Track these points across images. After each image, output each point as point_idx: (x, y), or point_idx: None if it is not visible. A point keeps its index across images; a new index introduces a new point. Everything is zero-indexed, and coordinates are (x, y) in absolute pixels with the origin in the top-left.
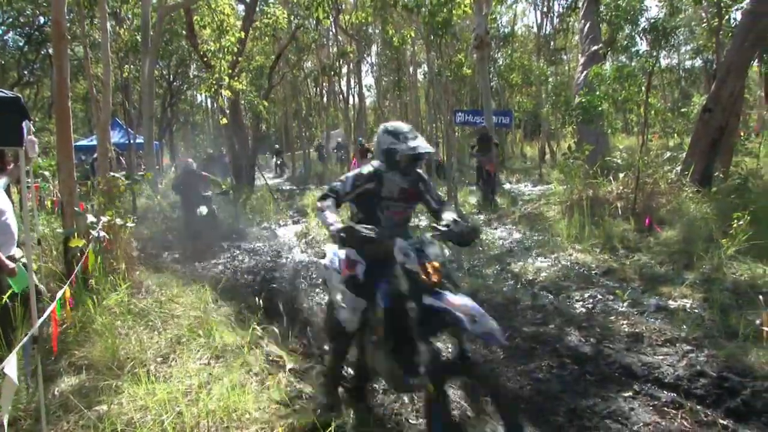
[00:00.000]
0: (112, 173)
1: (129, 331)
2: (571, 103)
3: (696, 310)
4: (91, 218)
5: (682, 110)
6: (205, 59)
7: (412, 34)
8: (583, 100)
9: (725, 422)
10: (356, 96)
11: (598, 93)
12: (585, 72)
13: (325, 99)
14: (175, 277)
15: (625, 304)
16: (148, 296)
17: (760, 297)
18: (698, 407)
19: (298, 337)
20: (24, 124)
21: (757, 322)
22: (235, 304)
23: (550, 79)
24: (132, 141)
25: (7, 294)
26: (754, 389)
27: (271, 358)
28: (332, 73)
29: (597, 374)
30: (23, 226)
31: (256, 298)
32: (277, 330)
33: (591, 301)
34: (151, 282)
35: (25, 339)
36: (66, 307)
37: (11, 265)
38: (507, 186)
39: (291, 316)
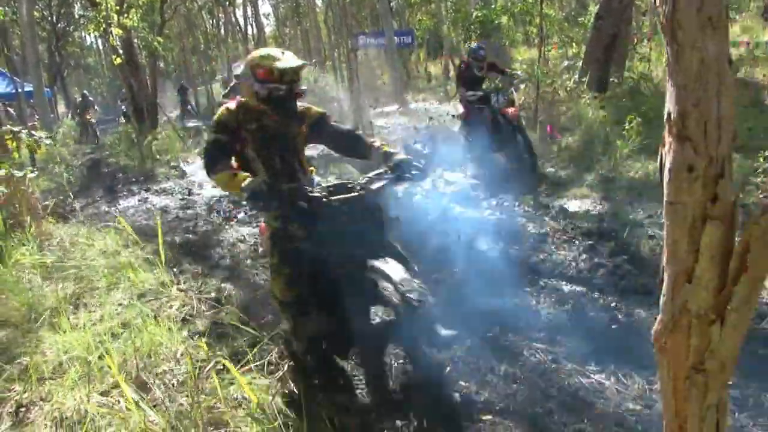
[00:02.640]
0: (8, 127)
1: (42, 284)
2: (470, 18)
3: (596, 209)
4: None
5: (579, 20)
6: None
7: None
8: (480, 14)
9: (619, 304)
10: (254, 26)
11: (494, 7)
12: None
13: (222, 31)
14: (85, 225)
15: (530, 208)
16: (59, 247)
17: None
18: (597, 294)
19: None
20: None
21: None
22: (149, 247)
23: None
24: (20, 90)
25: None
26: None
27: (188, 296)
28: (227, 3)
29: (505, 274)
30: None
31: (170, 238)
32: (191, 267)
33: (497, 207)
34: (62, 233)
35: None
36: None
37: None
38: (413, 106)
39: (204, 255)
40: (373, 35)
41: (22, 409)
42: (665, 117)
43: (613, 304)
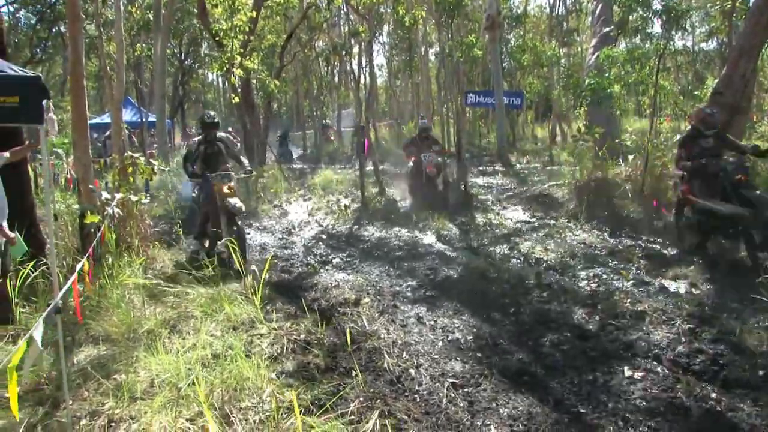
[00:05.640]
0: (129, 153)
1: (143, 305)
2: (582, 85)
3: (700, 291)
4: (105, 195)
5: (695, 93)
6: (217, 38)
7: (424, 14)
8: (593, 82)
9: (718, 396)
10: (367, 75)
11: (608, 75)
12: (596, 54)
13: (336, 78)
14: (187, 253)
15: (629, 283)
16: (161, 272)
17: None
18: (694, 381)
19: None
20: (44, 103)
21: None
22: (245, 281)
23: (562, 61)
24: (144, 119)
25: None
26: (747, 365)
27: (279, 335)
28: (344, 52)
29: (599, 350)
30: (45, 201)
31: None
32: (284, 306)
33: (596, 280)
34: (166, 258)
35: (50, 308)
36: (86, 280)
37: (11, 234)
38: (518, 167)
39: (298, 293)
40: (483, 94)
41: (113, 425)
42: None
43: (713, 395)
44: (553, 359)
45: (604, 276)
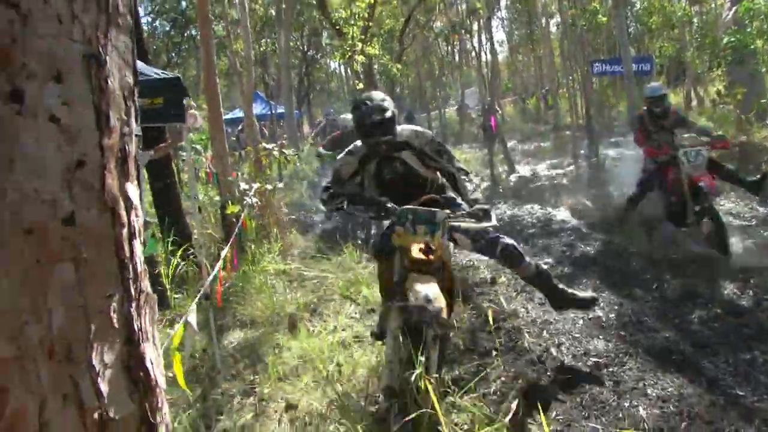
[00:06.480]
0: (262, 144)
1: (284, 290)
2: (719, 43)
3: None
4: (243, 186)
5: None
6: (337, 27)
7: None
8: (733, 39)
9: None
10: (488, 53)
11: (749, 30)
12: (734, 8)
13: (457, 58)
14: (323, 239)
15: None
16: (299, 257)
17: None
18: None
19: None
20: (184, 101)
21: None
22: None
23: (694, 20)
24: (273, 111)
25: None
26: None
27: None
28: (462, 31)
29: (755, 327)
30: (190, 195)
31: None
32: None
33: (747, 252)
34: (302, 244)
35: (200, 294)
36: (228, 267)
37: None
38: None
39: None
40: (610, 62)
41: (263, 402)
42: None
43: None
44: (703, 337)
45: (755, 248)
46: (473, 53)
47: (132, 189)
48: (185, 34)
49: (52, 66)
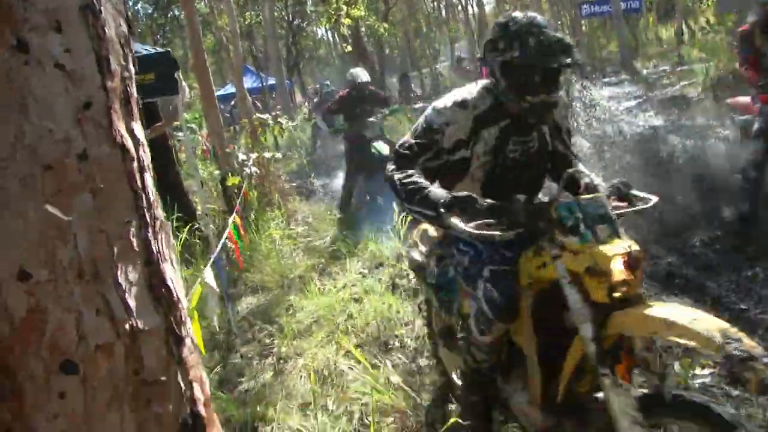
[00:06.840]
0: (257, 115)
1: (291, 254)
2: None
3: None
4: (242, 156)
5: None
6: None
7: None
8: None
9: None
10: (475, 5)
11: None
12: None
13: (443, 13)
14: (325, 203)
15: None
16: (303, 221)
17: None
18: None
19: None
20: (176, 74)
21: None
22: None
23: None
24: (264, 84)
25: None
26: None
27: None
28: None
29: (757, 245)
30: (190, 171)
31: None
32: None
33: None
34: (305, 209)
35: (214, 255)
36: (240, 232)
37: None
38: (644, 73)
39: None
40: (598, 2)
41: (281, 362)
42: None
43: None
44: (706, 259)
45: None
46: (459, 7)
47: (138, 128)
48: (168, 15)
49: (52, 18)
